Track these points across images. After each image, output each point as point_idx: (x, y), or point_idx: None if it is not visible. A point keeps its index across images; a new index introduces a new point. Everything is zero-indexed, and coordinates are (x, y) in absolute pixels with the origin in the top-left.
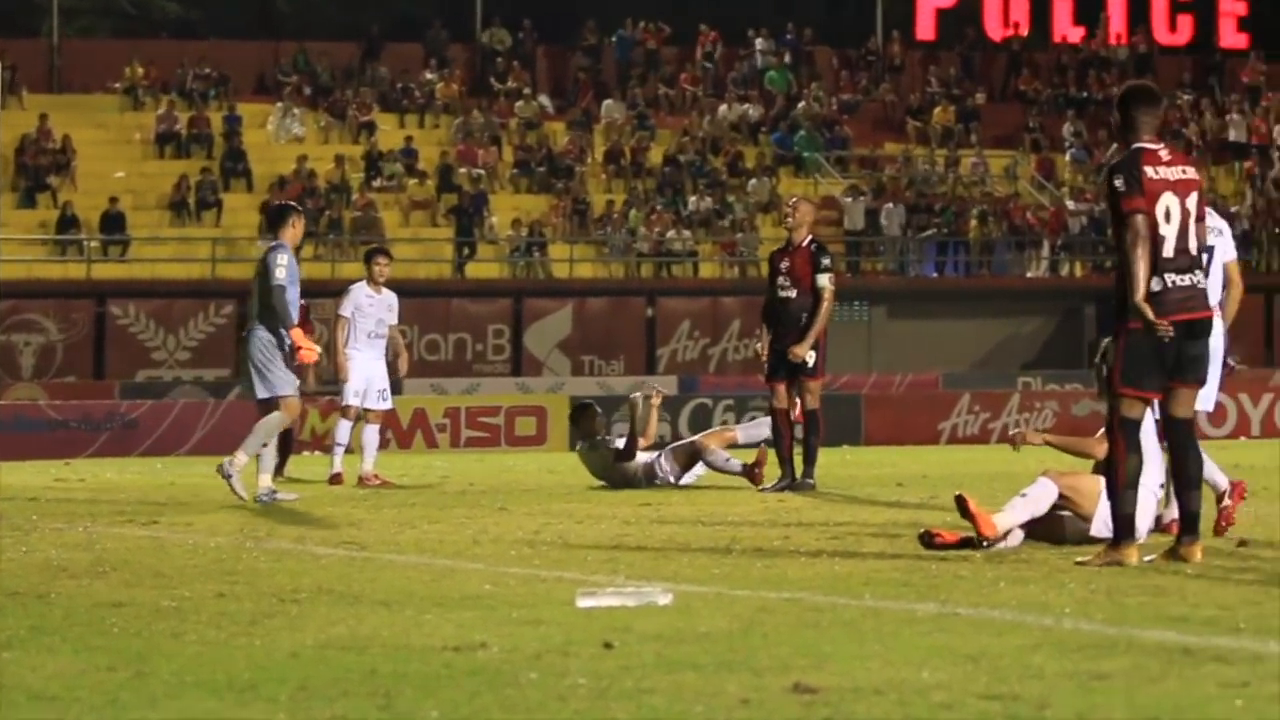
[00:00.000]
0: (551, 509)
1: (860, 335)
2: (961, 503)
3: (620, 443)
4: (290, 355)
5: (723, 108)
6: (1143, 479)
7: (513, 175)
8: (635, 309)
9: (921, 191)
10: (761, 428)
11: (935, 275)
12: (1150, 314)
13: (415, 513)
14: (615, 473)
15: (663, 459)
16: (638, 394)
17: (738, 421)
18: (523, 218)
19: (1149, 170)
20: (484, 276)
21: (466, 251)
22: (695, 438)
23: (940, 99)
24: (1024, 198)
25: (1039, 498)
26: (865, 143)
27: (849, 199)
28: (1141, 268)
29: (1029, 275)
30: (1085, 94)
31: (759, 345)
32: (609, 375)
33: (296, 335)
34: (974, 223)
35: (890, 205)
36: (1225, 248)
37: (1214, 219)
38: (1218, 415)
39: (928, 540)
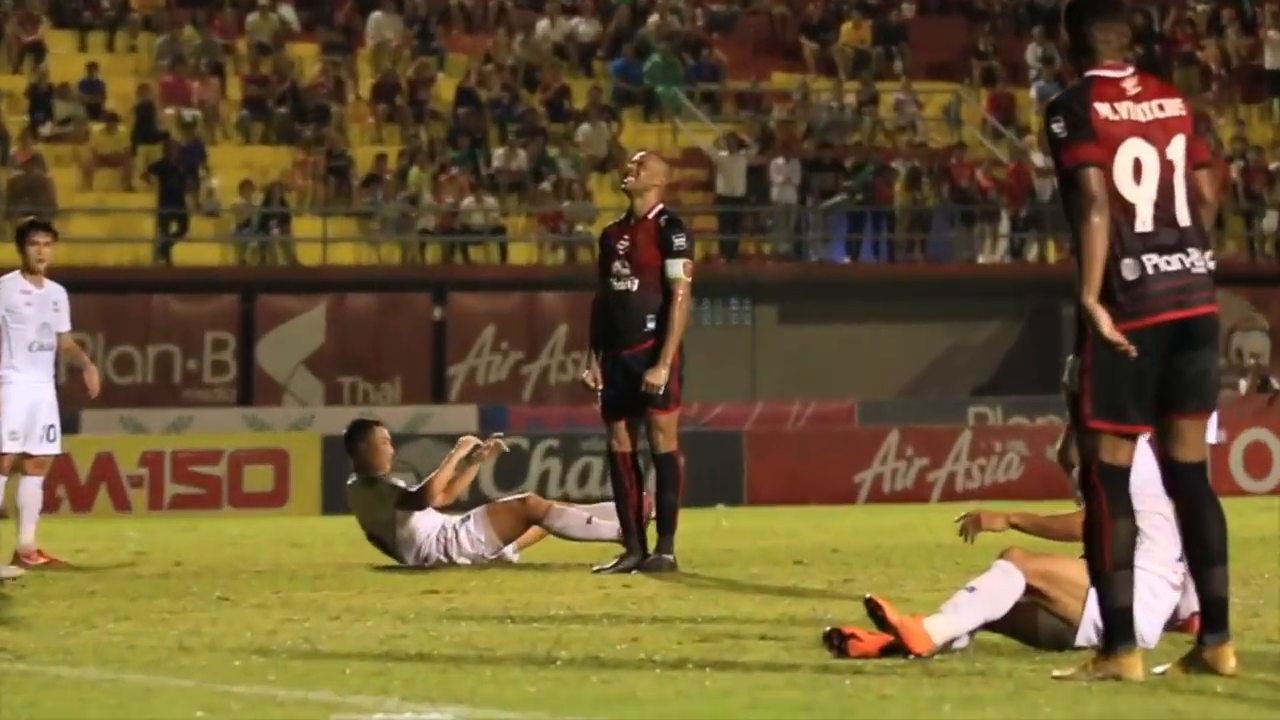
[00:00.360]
0: (294, 599)
1: (740, 346)
2: (875, 609)
3: (413, 487)
4: None
5: (542, 23)
6: (1147, 557)
7: (241, 119)
8: (417, 309)
9: (826, 141)
10: (614, 515)
11: (846, 260)
12: (1104, 324)
13: (96, 605)
14: (396, 526)
15: (471, 524)
16: (469, 436)
17: (565, 473)
18: (256, 179)
19: (1102, 108)
20: (200, 263)
21: (175, 227)
22: (526, 496)
23: (851, 11)
24: (972, 150)
25: (996, 592)
26: (745, 73)
27: (723, 152)
28: (1096, 246)
29: (981, 260)
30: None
31: (586, 373)
32: (378, 404)
33: None
34: (900, 186)
35: (781, 160)
36: None
37: None
38: (1259, 462)
39: (839, 644)
